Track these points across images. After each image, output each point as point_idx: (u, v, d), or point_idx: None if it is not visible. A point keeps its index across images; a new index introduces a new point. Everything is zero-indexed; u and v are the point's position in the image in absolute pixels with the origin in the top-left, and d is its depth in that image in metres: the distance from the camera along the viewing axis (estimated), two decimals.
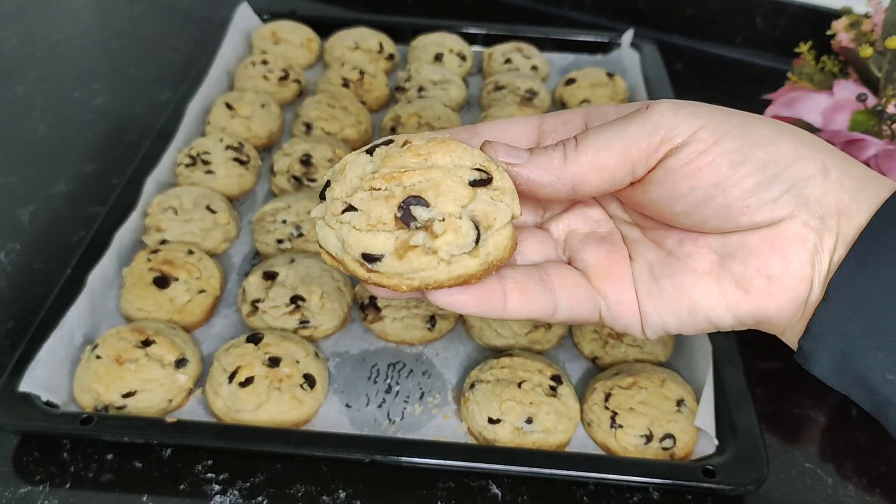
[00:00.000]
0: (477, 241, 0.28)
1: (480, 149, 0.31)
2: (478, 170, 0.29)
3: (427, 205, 0.28)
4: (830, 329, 0.28)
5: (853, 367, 0.27)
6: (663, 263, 0.32)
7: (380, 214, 0.28)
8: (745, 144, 0.28)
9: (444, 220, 0.28)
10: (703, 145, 0.28)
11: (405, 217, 0.28)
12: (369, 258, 0.28)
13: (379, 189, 0.28)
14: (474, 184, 0.28)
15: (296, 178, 0.68)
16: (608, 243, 0.34)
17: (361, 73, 0.81)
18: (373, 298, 0.58)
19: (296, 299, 0.57)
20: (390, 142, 0.30)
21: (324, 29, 0.90)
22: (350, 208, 0.29)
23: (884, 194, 0.28)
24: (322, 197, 0.30)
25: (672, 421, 0.50)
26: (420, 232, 0.28)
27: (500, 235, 0.29)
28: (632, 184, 0.31)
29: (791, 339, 0.30)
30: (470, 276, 0.29)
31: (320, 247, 0.30)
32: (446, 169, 0.28)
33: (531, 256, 0.34)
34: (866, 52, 0.62)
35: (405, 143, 0.29)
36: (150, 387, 0.51)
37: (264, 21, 0.92)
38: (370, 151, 0.30)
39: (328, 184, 0.30)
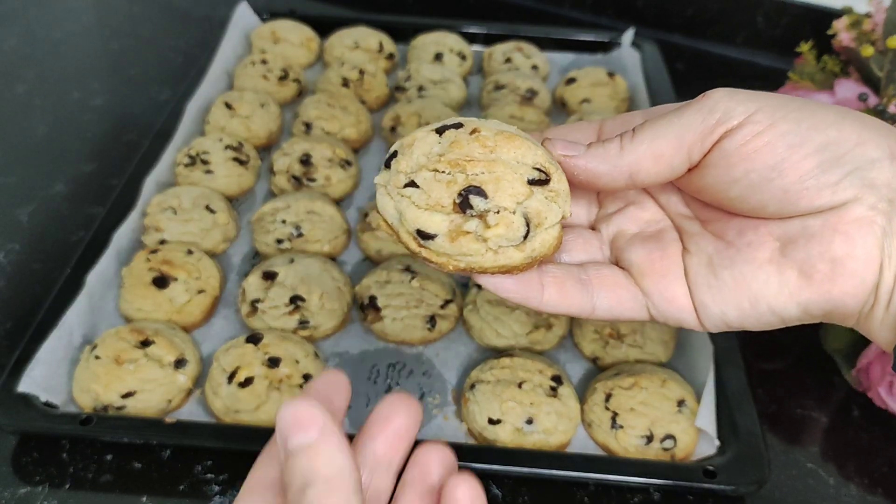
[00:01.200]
0: (525, 236, 0.30)
1: (542, 143, 0.31)
2: (538, 169, 0.30)
3: (485, 196, 0.29)
4: None
5: None
6: (723, 255, 0.31)
7: (440, 197, 0.29)
8: (804, 127, 0.28)
9: (498, 212, 0.29)
10: (759, 127, 0.28)
11: (463, 204, 0.29)
12: (423, 235, 0.30)
13: (443, 172, 0.29)
14: (532, 182, 0.30)
15: (295, 177, 0.68)
16: (655, 241, 0.34)
17: (361, 72, 0.81)
18: (372, 298, 0.58)
19: (295, 299, 0.56)
20: (459, 125, 0.30)
21: (323, 28, 0.90)
22: (412, 184, 0.30)
23: None
24: (387, 165, 0.31)
25: (673, 421, 0.50)
26: (474, 220, 0.29)
27: (548, 234, 0.30)
28: (689, 170, 0.31)
29: (865, 329, 0.30)
30: (513, 268, 0.30)
31: (377, 212, 0.32)
32: (509, 164, 0.29)
33: (577, 256, 0.35)
34: (867, 51, 0.62)
35: (474, 131, 0.30)
36: (149, 387, 0.51)
37: (264, 20, 0.92)
38: (440, 131, 0.31)
39: (395, 154, 0.31)
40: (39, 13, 1.01)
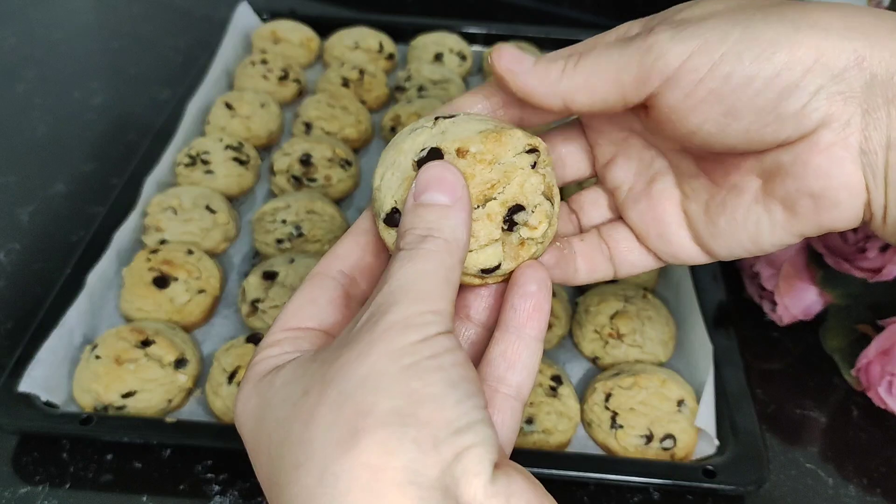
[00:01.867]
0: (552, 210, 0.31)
1: (490, 56, 0.31)
2: (529, 150, 0.30)
3: (523, 207, 0.29)
4: None
5: None
6: (716, 200, 0.31)
7: (489, 233, 0.29)
8: (748, 60, 0.25)
9: (534, 210, 0.30)
10: (699, 74, 0.26)
11: (510, 226, 0.30)
12: (488, 271, 0.30)
13: (476, 208, 0.29)
14: (534, 165, 0.30)
15: (295, 177, 0.68)
16: (647, 198, 0.34)
17: (361, 72, 0.81)
18: None
19: None
20: (438, 152, 0.29)
21: (323, 28, 0.90)
22: None
23: None
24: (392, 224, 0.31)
25: (672, 421, 0.50)
26: (521, 229, 0.30)
27: (557, 195, 0.32)
28: (639, 111, 0.31)
29: (874, 231, 0.29)
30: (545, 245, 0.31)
31: None
32: (513, 164, 0.30)
33: (592, 215, 0.36)
34: None
35: (461, 152, 0.29)
36: (149, 387, 0.51)
37: (264, 20, 0.92)
38: (421, 163, 0.30)
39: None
40: (39, 13, 1.01)
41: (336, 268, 0.31)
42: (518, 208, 0.29)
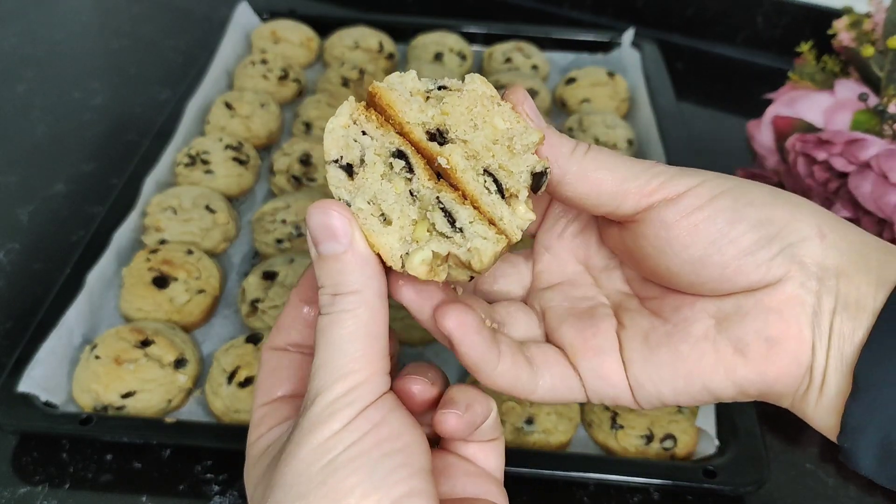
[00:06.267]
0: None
1: (510, 99, 0.30)
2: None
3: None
4: (864, 421, 0.27)
5: None
6: (659, 331, 0.31)
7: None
8: (741, 204, 0.28)
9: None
10: (700, 200, 0.28)
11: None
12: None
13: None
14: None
15: (295, 177, 0.68)
16: (588, 317, 0.33)
17: (361, 72, 0.81)
18: None
19: None
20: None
21: (323, 28, 0.90)
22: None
23: (883, 257, 0.28)
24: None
25: (673, 421, 0.50)
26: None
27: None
28: (624, 226, 0.31)
29: (801, 412, 0.30)
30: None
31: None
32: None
33: (517, 331, 0.33)
34: (868, 51, 0.62)
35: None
36: (149, 387, 0.51)
37: (264, 20, 0.92)
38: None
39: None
40: (39, 13, 1.01)
41: (282, 342, 0.33)
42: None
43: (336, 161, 0.29)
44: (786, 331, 0.28)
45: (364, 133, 0.29)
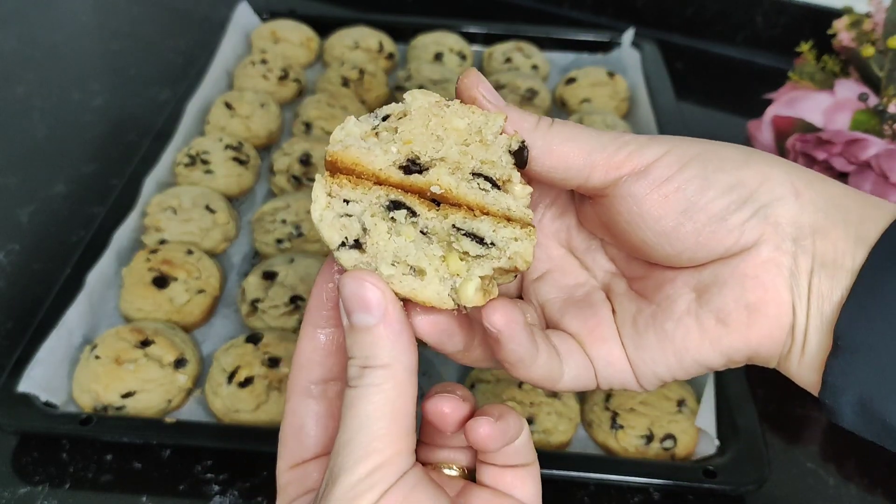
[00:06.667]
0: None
1: (466, 94, 0.30)
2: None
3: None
4: (844, 380, 0.27)
5: (876, 414, 0.27)
6: (644, 313, 0.31)
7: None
8: (710, 170, 0.28)
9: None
10: (668, 171, 0.28)
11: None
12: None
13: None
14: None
15: (295, 177, 0.68)
16: (587, 305, 0.33)
17: (361, 72, 0.81)
18: None
19: (295, 299, 0.56)
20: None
21: (323, 28, 0.90)
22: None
23: (863, 212, 0.27)
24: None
25: (673, 421, 0.50)
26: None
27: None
28: (597, 202, 0.30)
29: (786, 371, 0.30)
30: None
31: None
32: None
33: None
34: (868, 51, 0.62)
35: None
36: (149, 387, 0.51)
37: (264, 20, 0.92)
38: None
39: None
40: (39, 14, 1.01)
41: (304, 381, 0.31)
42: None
43: (343, 244, 0.28)
44: (764, 296, 0.28)
45: (347, 202, 0.28)
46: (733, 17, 0.96)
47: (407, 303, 0.28)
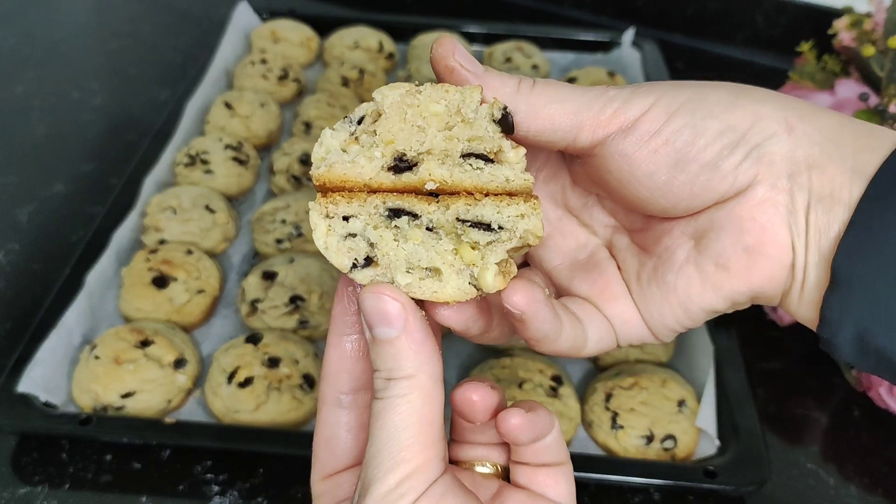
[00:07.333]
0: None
1: (442, 64, 0.29)
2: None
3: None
4: (842, 315, 0.27)
5: (873, 347, 0.26)
6: (646, 267, 0.31)
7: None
8: (698, 117, 0.27)
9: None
10: (656, 124, 0.28)
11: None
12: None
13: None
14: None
15: (295, 177, 0.68)
16: (593, 267, 0.33)
17: (361, 72, 0.81)
18: None
19: (295, 299, 0.56)
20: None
21: (323, 28, 0.90)
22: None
23: (860, 142, 0.27)
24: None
25: (673, 421, 0.50)
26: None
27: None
28: (577, 160, 0.30)
29: (787, 308, 0.30)
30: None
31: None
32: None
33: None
34: (868, 51, 0.62)
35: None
36: (148, 387, 0.51)
37: (263, 20, 0.92)
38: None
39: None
40: (39, 14, 1.01)
41: (335, 391, 0.31)
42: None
43: (355, 266, 0.28)
44: (762, 237, 0.28)
45: (346, 219, 0.28)
46: (734, 17, 0.96)
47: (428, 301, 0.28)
